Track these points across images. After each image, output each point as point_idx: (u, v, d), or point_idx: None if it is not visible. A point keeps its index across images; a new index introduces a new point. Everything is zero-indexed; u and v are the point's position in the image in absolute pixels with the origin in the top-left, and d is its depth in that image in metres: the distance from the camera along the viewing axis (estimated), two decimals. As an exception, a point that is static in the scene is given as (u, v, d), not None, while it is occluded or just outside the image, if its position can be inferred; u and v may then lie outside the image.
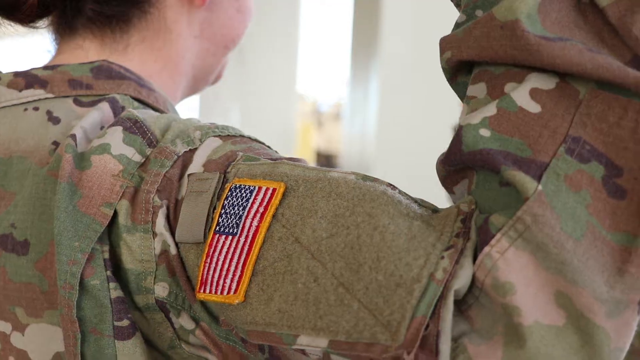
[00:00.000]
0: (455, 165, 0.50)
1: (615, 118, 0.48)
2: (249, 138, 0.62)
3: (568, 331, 0.45)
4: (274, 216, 0.52)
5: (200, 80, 0.79)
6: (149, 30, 0.72)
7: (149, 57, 0.72)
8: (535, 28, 0.49)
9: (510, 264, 0.45)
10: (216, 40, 0.76)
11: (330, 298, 0.48)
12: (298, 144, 4.53)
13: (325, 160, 5.15)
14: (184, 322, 0.56)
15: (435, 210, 0.52)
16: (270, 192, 0.53)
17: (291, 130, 5.39)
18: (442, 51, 0.53)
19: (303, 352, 0.49)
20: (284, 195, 0.53)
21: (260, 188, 0.54)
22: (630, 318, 0.46)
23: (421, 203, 0.53)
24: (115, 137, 0.58)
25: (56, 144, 0.62)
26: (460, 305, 0.48)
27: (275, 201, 0.52)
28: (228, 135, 0.61)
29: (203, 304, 0.55)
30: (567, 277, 0.45)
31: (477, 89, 0.51)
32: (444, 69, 0.54)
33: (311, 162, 3.89)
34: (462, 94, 0.55)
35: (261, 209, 0.53)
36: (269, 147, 0.63)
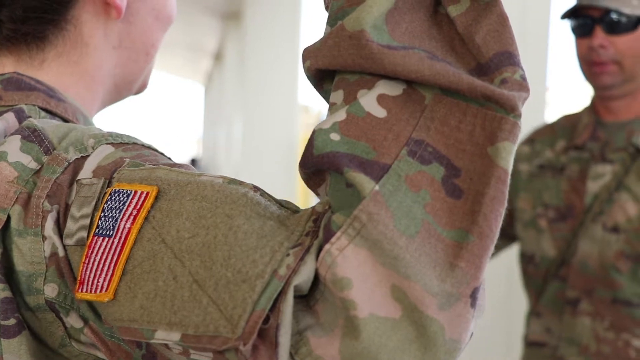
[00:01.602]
0: (309, 167, 0.53)
1: (455, 122, 0.51)
2: (142, 145, 0.65)
3: (404, 323, 0.47)
4: (145, 218, 0.55)
5: (123, 88, 0.82)
6: (65, 46, 0.75)
7: (65, 71, 0.75)
8: (382, 38, 0.51)
9: (348, 260, 0.48)
10: (136, 48, 0.79)
11: (185, 294, 0.51)
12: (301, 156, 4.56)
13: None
14: (73, 321, 0.59)
15: (296, 211, 0.55)
16: (144, 195, 0.56)
17: (295, 141, 5.44)
18: (303, 60, 0.56)
19: (166, 346, 0.52)
20: (156, 198, 0.56)
21: (135, 192, 0.57)
22: (463, 310, 0.48)
23: (285, 205, 0.55)
24: (13, 146, 0.62)
25: None
26: (309, 300, 0.50)
27: (148, 204, 0.55)
28: (121, 142, 0.64)
29: (90, 303, 0.58)
30: (400, 272, 0.47)
31: (336, 96, 0.54)
32: (308, 77, 0.57)
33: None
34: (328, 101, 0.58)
35: (134, 212, 0.56)
36: (162, 154, 0.65)
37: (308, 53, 0.55)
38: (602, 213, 1.52)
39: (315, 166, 0.52)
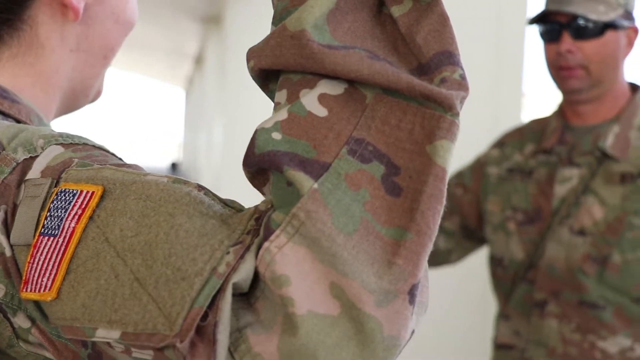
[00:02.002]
0: (252, 166, 0.53)
1: (396, 121, 0.51)
2: (93, 146, 0.65)
3: (342, 320, 0.48)
4: (90, 217, 0.55)
5: (80, 94, 0.82)
6: (21, 47, 0.74)
7: (20, 72, 0.75)
8: (323, 37, 0.52)
9: (286, 258, 0.48)
10: (94, 52, 0.79)
11: (126, 292, 0.51)
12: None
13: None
14: (21, 321, 0.59)
15: (240, 210, 0.55)
16: (89, 195, 0.56)
17: (274, 145, 5.41)
18: (247, 60, 0.56)
19: (109, 344, 0.52)
20: (101, 197, 0.56)
21: (81, 192, 0.57)
22: (401, 307, 0.49)
23: (229, 204, 0.56)
24: None
25: None
26: (250, 298, 0.51)
27: (93, 203, 0.56)
28: (71, 143, 0.64)
29: (36, 303, 0.58)
30: (338, 269, 0.47)
31: (280, 96, 0.55)
32: (252, 78, 0.57)
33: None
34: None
35: (79, 211, 0.56)
36: (113, 154, 0.65)
37: (252, 53, 0.55)
38: (569, 216, 1.54)
39: (257, 165, 0.52)
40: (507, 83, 2.93)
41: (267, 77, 0.57)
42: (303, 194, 0.49)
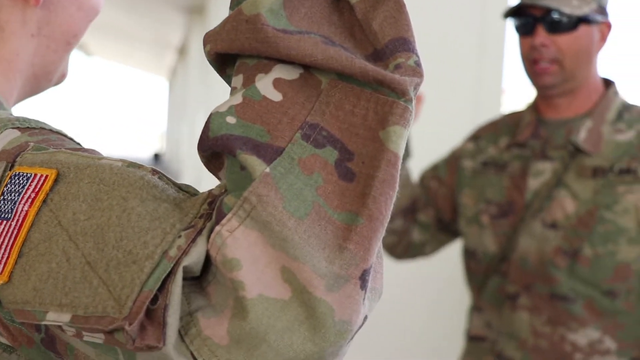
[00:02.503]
0: (206, 150, 0.53)
1: (350, 106, 0.52)
2: (50, 130, 0.64)
3: (294, 304, 0.48)
4: (43, 201, 0.55)
5: (42, 78, 0.81)
6: None
7: None
8: (279, 22, 0.52)
9: (238, 242, 0.48)
10: (56, 37, 0.78)
11: (77, 276, 0.50)
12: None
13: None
14: None
15: (195, 194, 0.55)
16: (43, 178, 0.56)
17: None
18: (204, 45, 0.56)
19: (60, 328, 0.52)
20: (55, 181, 0.55)
21: (35, 175, 0.56)
22: (352, 292, 0.49)
23: (184, 188, 0.55)
24: None
25: None
26: (202, 282, 0.51)
27: (46, 187, 0.55)
28: (27, 127, 0.63)
29: None
30: (289, 253, 0.47)
31: (237, 81, 0.54)
32: (209, 62, 0.57)
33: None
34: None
35: (33, 195, 0.55)
36: (71, 139, 0.65)
37: (208, 37, 0.55)
38: (542, 210, 1.54)
39: (211, 149, 0.52)
40: (488, 80, 2.94)
41: (224, 61, 0.57)
42: (255, 177, 0.49)
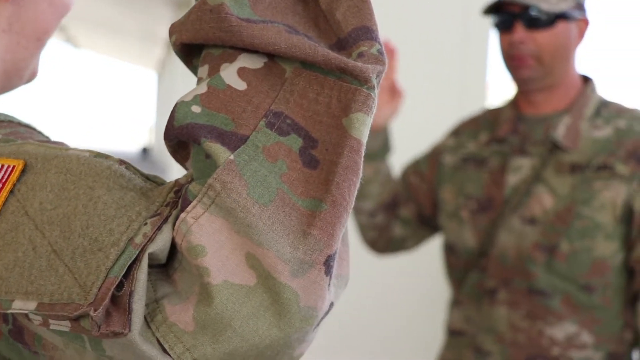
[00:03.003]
0: (171, 139, 0.53)
1: (314, 94, 0.52)
2: (19, 123, 0.65)
3: (259, 290, 0.49)
4: (10, 191, 0.55)
5: (13, 75, 0.80)
6: None
7: None
8: (243, 11, 0.53)
9: (203, 229, 0.49)
10: (27, 33, 0.78)
11: (43, 264, 0.51)
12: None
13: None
14: None
15: (162, 184, 0.55)
16: (10, 169, 0.56)
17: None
18: (170, 35, 0.57)
19: (27, 317, 0.53)
20: (22, 171, 0.56)
21: (2, 165, 0.57)
22: (317, 277, 0.49)
23: (151, 178, 0.56)
24: None
25: None
26: (169, 269, 0.51)
27: (13, 177, 0.56)
28: None
29: None
30: (253, 239, 0.48)
31: (203, 71, 0.55)
32: (175, 53, 0.58)
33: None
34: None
35: (0, 185, 0.56)
36: (40, 132, 0.66)
37: (174, 28, 0.56)
38: (520, 205, 1.56)
39: (177, 137, 0.53)
40: (471, 74, 2.96)
41: (190, 52, 0.58)
42: (219, 165, 0.49)
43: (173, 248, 0.51)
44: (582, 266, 1.50)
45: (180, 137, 0.52)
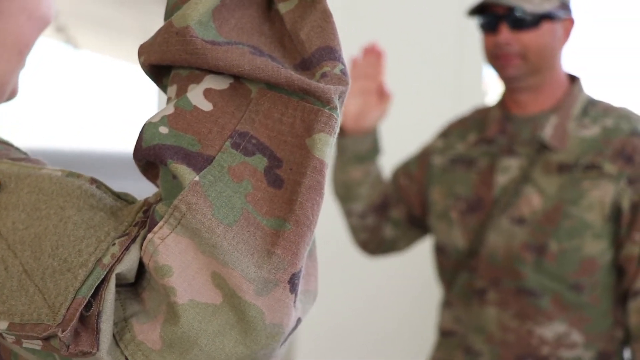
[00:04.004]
0: (140, 159, 0.54)
1: (278, 114, 0.53)
2: None
3: (225, 309, 0.50)
4: None
5: None
6: None
7: None
8: (208, 33, 0.53)
9: (169, 249, 0.50)
10: (7, 47, 0.79)
11: (14, 284, 0.52)
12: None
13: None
14: None
15: (132, 203, 0.56)
16: None
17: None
18: (139, 56, 0.57)
19: (1, 335, 0.54)
20: None
21: None
22: (282, 295, 0.50)
23: (122, 197, 0.57)
24: None
25: None
26: (138, 288, 0.52)
27: None
28: None
29: None
30: (218, 259, 0.49)
31: (172, 91, 0.56)
32: (145, 72, 0.59)
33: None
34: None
35: None
36: (17, 149, 0.66)
37: (142, 49, 0.57)
38: (509, 205, 1.56)
39: (145, 158, 0.54)
40: (468, 79, 2.96)
41: (159, 72, 0.58)
42: (185, 186, 0.50)
43: (142, 267, 0.52)
44: (571, 265, 1.51)
45: (147, 158, 0.53)
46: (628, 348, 1.57)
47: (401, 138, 2.73)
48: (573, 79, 1.64)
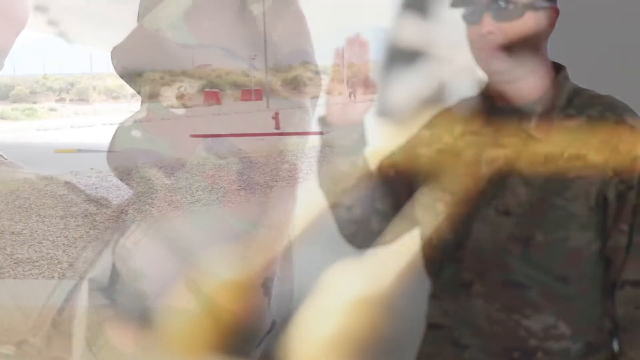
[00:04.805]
0: (113, 164, 0.53)
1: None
2: None
3: (198, 312, 0.49)
4: None
5: None
6: None
7: None
8: (180, 36, 0.52)
9: (142, 253, 0.48)
10: None
11: None
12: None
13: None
14: None
15: (106, 205, 0.55)
16: None
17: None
18: (111, 59, 0.56)
19: None
20: None
21: None
22: (256, 299, 0.49)
23: (95, 200, 0.56)
24: None
25: None
26: (112, 292, 0.51)
27: None
28: None
29: None
30: (192, 263, 0.48)
31: (145, 93, 0.55)
32: (118, 75, 0.58)
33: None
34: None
35: None
36: None
37: (114, 52, 0.56)
38: (495, 197, 1.55)
39: (118, 162, 0.52)
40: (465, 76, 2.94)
41: (132, 75, 0.57)
42: (157, 190, 0.49)
43: (116, 271, 0.51)
44: (557, 257, 1.50)
45: (121, 162, 0.52)
46: (616, 339, 1.56)
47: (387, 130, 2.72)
48: (558, 69, 1.63)
